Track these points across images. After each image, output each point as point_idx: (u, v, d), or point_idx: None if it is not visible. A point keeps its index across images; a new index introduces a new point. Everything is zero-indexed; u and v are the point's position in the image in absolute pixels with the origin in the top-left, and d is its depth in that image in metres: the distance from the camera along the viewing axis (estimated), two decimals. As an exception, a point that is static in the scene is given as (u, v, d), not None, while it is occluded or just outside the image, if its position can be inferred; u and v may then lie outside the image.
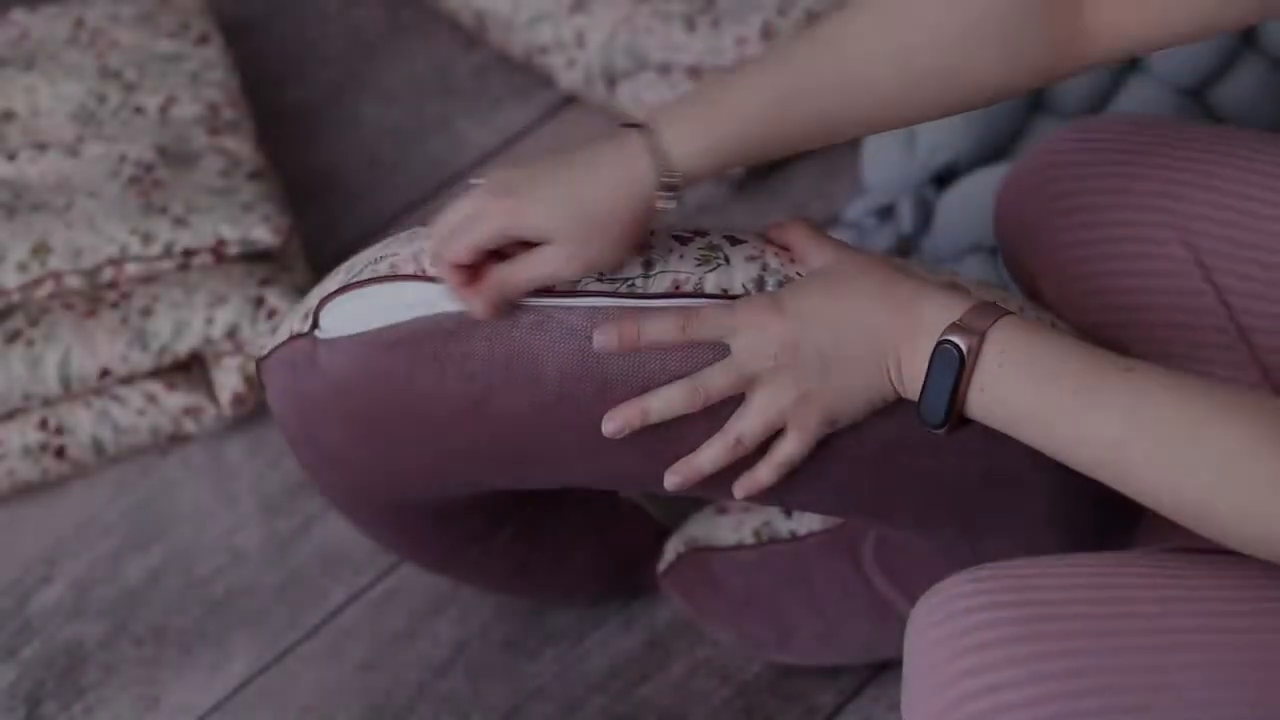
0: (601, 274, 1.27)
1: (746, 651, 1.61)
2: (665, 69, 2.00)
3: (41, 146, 1.84)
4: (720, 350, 1.25)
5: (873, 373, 1.23)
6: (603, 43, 2.01)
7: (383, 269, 1.30)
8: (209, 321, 1.75)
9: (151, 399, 1.77)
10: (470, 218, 1.25)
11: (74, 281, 1.74)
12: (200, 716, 1.62)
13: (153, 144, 1.83)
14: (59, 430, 1.75)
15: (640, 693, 1.62)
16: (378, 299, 1.30)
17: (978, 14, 1.22)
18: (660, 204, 1.23)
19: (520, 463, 1.34)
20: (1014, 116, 1.86)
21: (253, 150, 1.87)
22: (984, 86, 1.24)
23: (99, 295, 1.77)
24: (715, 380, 1.25)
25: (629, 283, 1.27)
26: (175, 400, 1.77)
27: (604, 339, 1.25)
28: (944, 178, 1.85)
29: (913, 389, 1.21)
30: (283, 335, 1.36)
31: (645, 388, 1.26)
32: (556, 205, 1.23)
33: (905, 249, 1.85)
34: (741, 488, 1.29)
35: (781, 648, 1.59)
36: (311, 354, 1.33)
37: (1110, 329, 1.37)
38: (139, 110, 1.88)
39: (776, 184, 2.02)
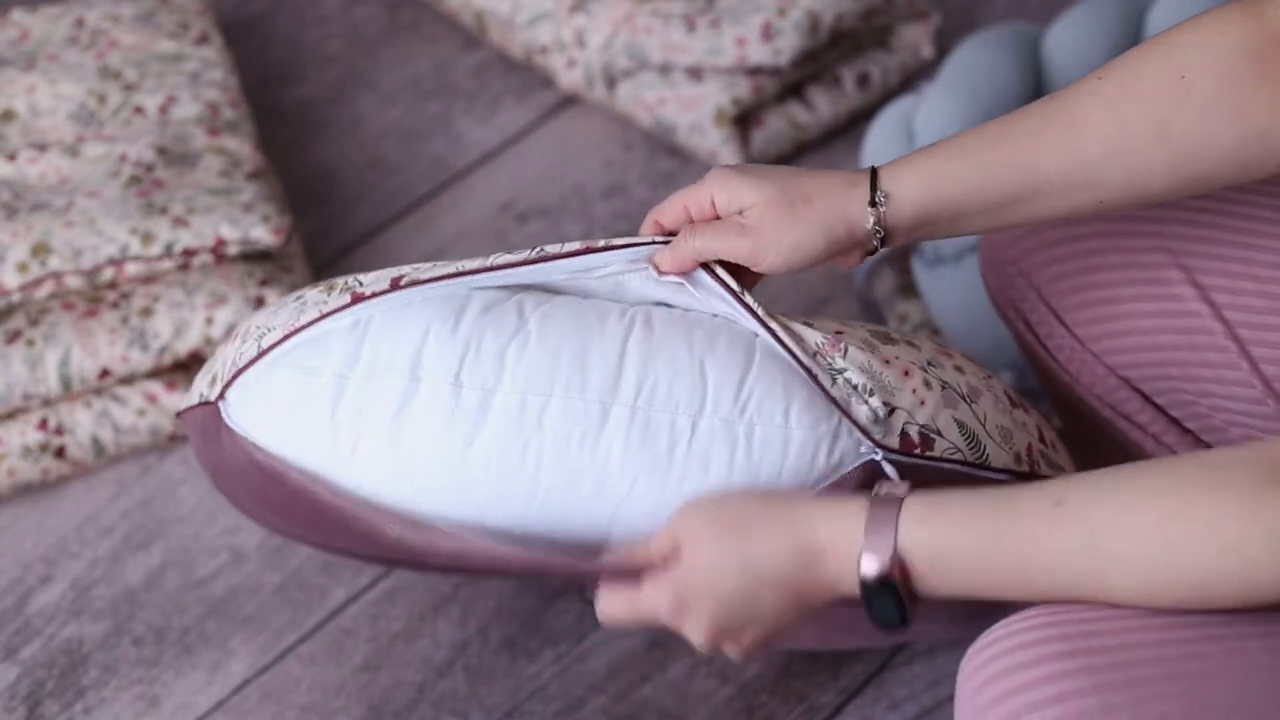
0: None
1: None
2: (665, 69, 2.00)
3: (41, 146, 1.84)
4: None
5: (801, 611, 1.22)
6: (603, 43, 2.01)
7: (260, 345, 1.34)
8: (209, 321, 1.75)
9: (151, 399, 1.77)
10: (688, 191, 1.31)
11: (74, 281, 1.74)
12: (200, 716, 1.62)
13: (153, 144, 1.83)
14: (59, 430, 1.75)
15: (640, 693, 1.61)
16: (256, 378, 1.34)
17: (1195, 65, 1.19)
18: (867, 225, 1.26)
19: (417, 563, 1.39)
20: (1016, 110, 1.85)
21: (253, 150, 1.87)
22: (1197, 146, 1.20)
23: (99, 295, 1.77)
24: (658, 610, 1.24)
25: None
26: (175, 400, 1.77)
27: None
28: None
29: (848, 593, 1.18)
30: (194, 397, 1.40)
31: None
32: (763, 178, 1.28)
33: (907, 248, 1.85)
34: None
35: None
36: (218, 428, 1.37)
37: (1122, 369, 1.37)
38: (139, 110, 1.88)
39: (777, 184, 2.01)
